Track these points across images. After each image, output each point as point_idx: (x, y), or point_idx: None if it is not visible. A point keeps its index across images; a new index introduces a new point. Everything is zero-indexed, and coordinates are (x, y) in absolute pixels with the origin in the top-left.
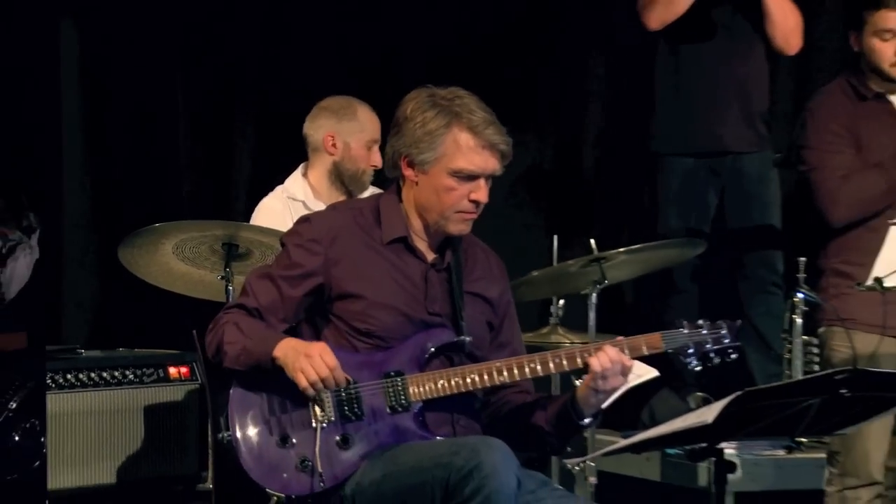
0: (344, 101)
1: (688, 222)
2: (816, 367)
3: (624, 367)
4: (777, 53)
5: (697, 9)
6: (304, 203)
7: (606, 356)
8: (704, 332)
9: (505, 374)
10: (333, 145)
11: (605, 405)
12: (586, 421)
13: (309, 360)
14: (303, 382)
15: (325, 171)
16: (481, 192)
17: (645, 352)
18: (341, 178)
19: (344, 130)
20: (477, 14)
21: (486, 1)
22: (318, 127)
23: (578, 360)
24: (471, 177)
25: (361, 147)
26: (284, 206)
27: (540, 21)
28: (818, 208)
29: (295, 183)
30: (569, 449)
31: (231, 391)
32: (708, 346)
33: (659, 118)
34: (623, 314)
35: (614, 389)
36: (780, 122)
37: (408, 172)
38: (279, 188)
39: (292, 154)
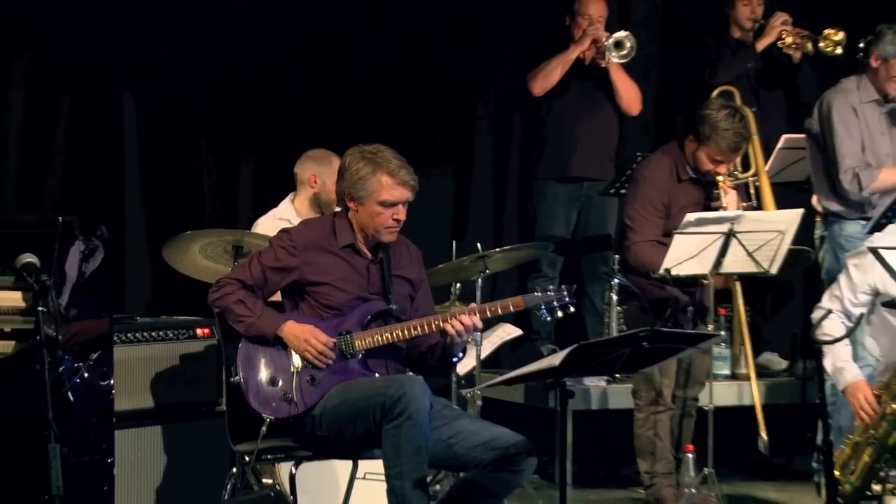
0: (323, 152)
1: (556, 232)
2: (625, 328)
3: (476, 327)
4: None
5: (567, 80)
6: (289, 221)
7: (459, 324)
8: (551, 293)
9: (417, 329)
10: (315, 182)
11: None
12: (454, 359)
13: (308, 343)
14: (309, 358)
15: (307, 198)
16: (401, 214)
17: (512, 309)
18: (318, 203)
19: (323, 172)
20: (396, 73)
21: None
22: (306, 169)
23: (458, 322)
24: (392, 204)
25: (333, 184)
26: (275, 225)
27: (441, 75)
28: (623, 247)
29: (285, 208)
30: (463, 382)
31: (239, 347)
32: (554, 303)
33: (537, 155)
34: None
35: (467, 342)
36: None
37: (350, 204)
38: (272, 212)
39: (276, 185)
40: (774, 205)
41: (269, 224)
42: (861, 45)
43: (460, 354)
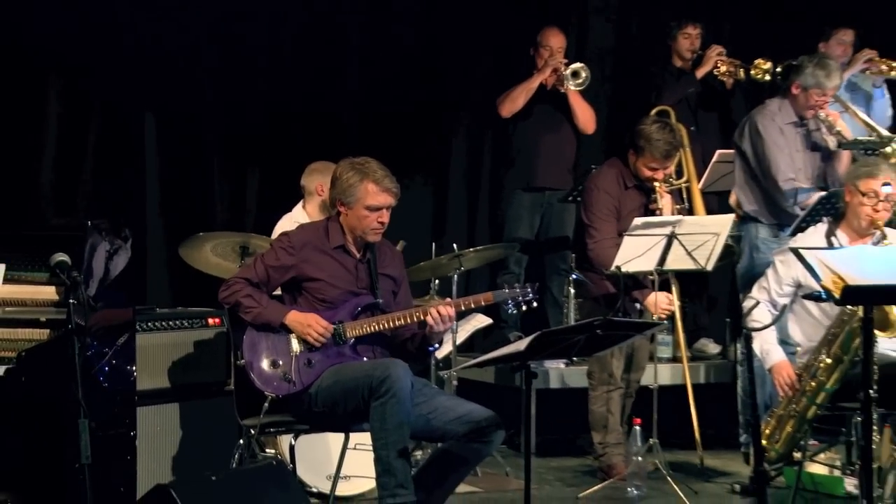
0: (326, 164)
1: (521, 234)
2: (580, 317)
3: (450, 317)
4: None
5: (531, 103)
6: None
7: (437, 313)
8: (517, 290)
9: (401, 320)
10: (322, 190)
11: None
12: (431, 349)
13: (311, 328)
14: (310, 339)
15: (316, 205)
16: (385, 217)
17: (483, 303)
18: (326, 209)
19: (328, 182)
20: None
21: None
22: (312, 180)
23: (438, 311)
24: (377, 209)
25: None
26: (292, 225)
27: (423, 100)
28: (587, 248)
29: (299, 212)
30: (441, 364)
31: (245, 335)
32: (519, 298)
33: (505, 168)
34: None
35: (446, 331)
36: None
37: (341, 209)
38: (289, 215)
39: (277, 194)
40: (704, 207)
41: (286, 225)
42: (778, 69)
43: (436, 345)
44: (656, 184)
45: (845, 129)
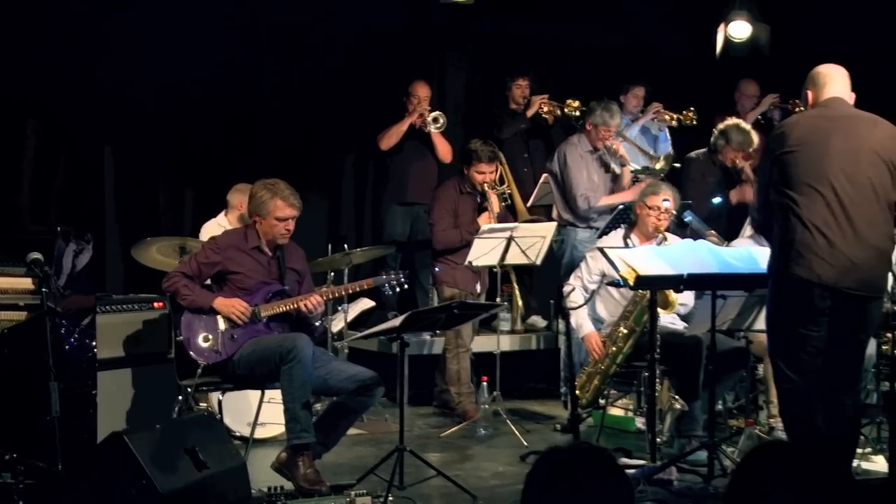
0: (247, 186)
1: (397, 237)
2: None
3: (319, 304)
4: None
5: (404, 139)
6: (224, 227)
7: (312, 302)
8: (392, 275)
9: (303, 302)
10: (241, 206)
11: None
12: (313, 328)
13: (235, 308)
14: (234, 317)
15: (235, 216)
16: (290, 225)
17: (366, 287)
18: (243, 220)
19: (246, 200)
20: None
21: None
22: (235, 197)
23: (310, 302)
24: (284, 219)
25: None
26: (217, 229)
27: (322, 136)
28: (434, 239)
29: (221, 219)
30: (336, 337)
31: (182, 316)
32: (394, 282)
33: (383, 187)
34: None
35: (319, 315)
36: None
37: (257, 219)
38: (214, 220)
39: (208, 206)
40: (521, 201)
41: (211, 228)
42: (577, 113)
43: (317, 324)
44: (485, 187)
45: (626, 153)
